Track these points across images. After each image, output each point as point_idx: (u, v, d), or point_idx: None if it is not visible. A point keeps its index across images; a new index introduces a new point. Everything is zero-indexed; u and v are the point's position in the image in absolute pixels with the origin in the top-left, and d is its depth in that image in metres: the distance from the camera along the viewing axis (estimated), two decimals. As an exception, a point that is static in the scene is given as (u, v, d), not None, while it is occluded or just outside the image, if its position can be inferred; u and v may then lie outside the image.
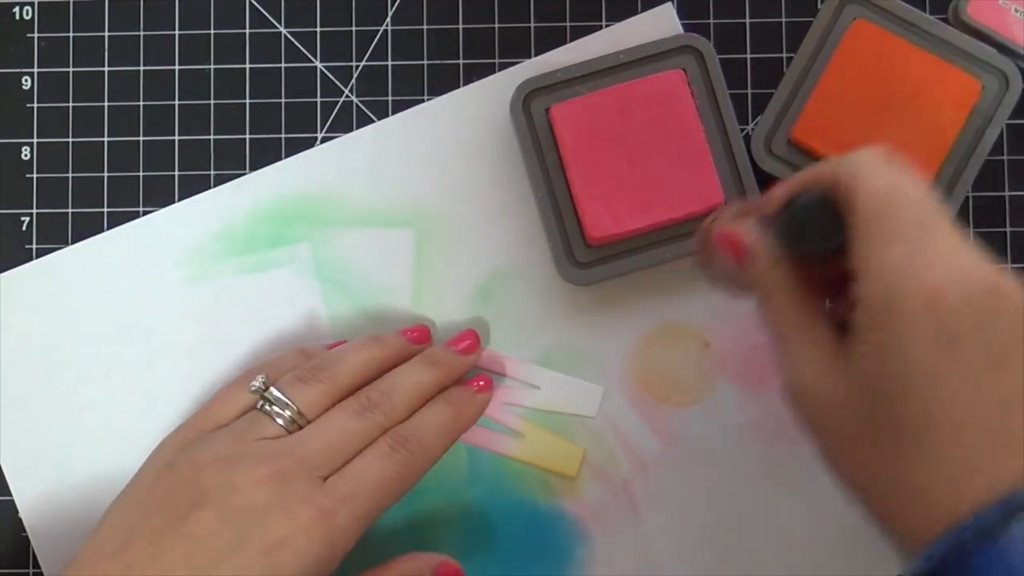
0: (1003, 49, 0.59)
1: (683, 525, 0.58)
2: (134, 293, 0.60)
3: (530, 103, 0.59)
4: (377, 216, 0.60)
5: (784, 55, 0.61)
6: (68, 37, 0.61)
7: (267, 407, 0.53)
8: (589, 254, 0.58)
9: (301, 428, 0.52)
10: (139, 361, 0.60)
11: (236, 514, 0.49)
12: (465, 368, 0.57)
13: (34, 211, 0.60)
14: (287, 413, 0.52)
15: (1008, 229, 0.60)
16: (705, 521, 0.58)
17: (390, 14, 0.61)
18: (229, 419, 0.53)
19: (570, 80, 0.59)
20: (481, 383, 0.57)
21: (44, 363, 0.60)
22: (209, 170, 0.60)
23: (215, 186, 0.60)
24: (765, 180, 0.59)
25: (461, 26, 0.61)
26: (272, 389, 0.53)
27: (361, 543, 0.55)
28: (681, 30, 0.60)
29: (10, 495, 0.59)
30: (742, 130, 0.59)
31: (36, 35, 0.61)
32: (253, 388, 0.53)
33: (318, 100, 0.61)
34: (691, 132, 0.57)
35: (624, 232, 0.57)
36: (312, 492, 0.50)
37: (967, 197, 0.60)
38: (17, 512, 0.59)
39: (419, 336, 0.58)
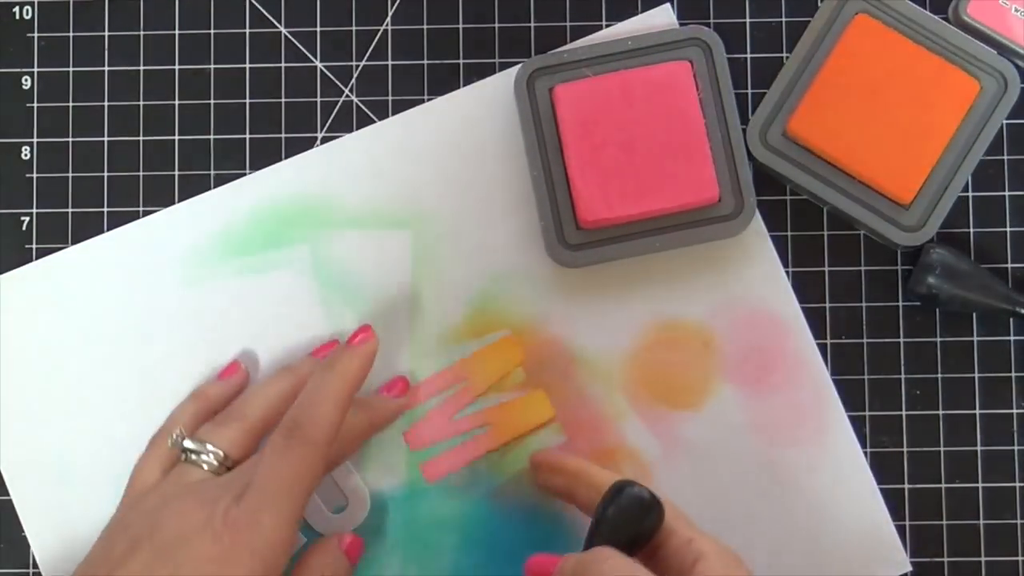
0: (1003, 48, 0.59)
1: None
2: (133, 294, 0.60)
3: (535, 82, 0.59)
4: (375, 218, 0.60)
5: (784, 55, 0.60)
6: (68, 37, 0.61)
7: (192, 457, 0.53)
8: (580, 237, 0.58)
9: (229, 470, 0.53)
10: (138, 362, 0.59)
11: (165, 549, 0.49)
12: (396, 410, 0.58)
13: (34, 211, 0.61)
14: (211, 458, 0.53)
15: (1008, 229, 0.60)
16: (705, 522, 0.58)
17: (390, 14, 0.61)
18: (156, 479, 0.54)
19: (576, 62, 0.59)
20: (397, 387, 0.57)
21: (44, 364, 0.60)
22: (209, 170, 0.61)
23: (215, 186, 0.60)
24: (760, 174, 0.59)
25: (461, 26, 0.61)
26: (188, 441, 0.53)
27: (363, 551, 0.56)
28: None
29: (9, 495, 0.59)
30: (743, 127, 0.59)
31: (36, 35, 0.61)
32: (171, 443, 0.54)
33: (318, 100, 0.61)
34: (692, 124, 0.57)
35: (615, 217, 0.57)
36: (231, 509, 0.49)
37: (967, 197, 0.60)
38: (17, 512, 0.59)
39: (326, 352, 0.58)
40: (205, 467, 0.53)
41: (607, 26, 0.61)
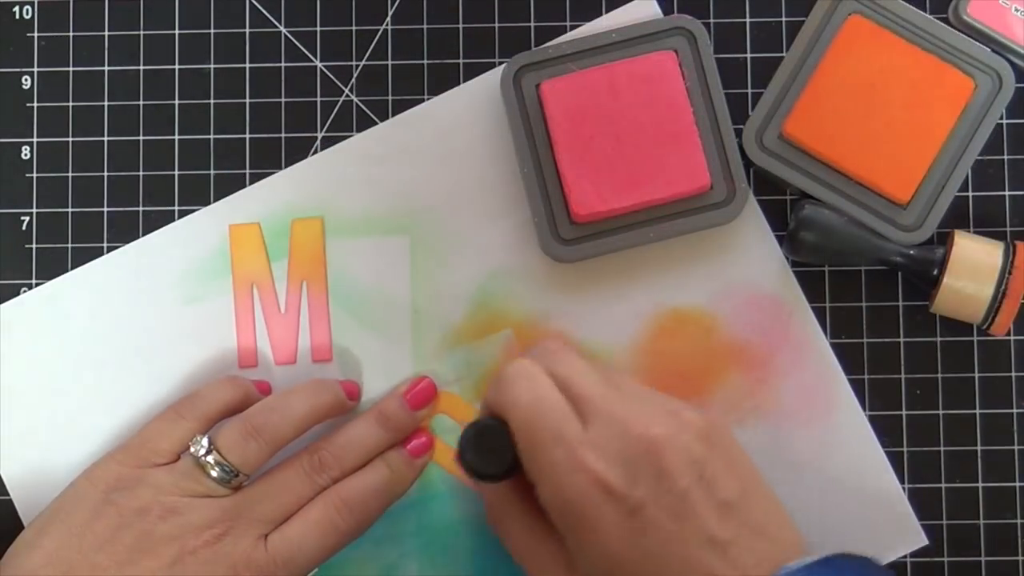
0: (1003, 48, 0.59)
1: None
2: (134, 317, 0.59)
3: (521, 79, 0.59)
4: (372, 224, 0.60)
5: (784, 54, 0.61)
6: (68, 37, 0.61)
7: (205, 457, 0.53)
8: (574, 231, 0.58)
9: (240, 482, 0.53)
10: (141, 384, 0.59)
11: (183, 568, 0.51)
12: (417, 425, 0.58)
13: (34, 211, 0.60)
14: (223, 470, 0.53)
15: (1008, 229, 0.60)
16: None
17: (390, 14, 0.61)
18: (165, 457, 0.54)
19: (562, 57, 0.59)
20: (422, 440, 0.57)
21: (47, 392, 0.59)
22: (209, 170, 0.60)
23: (215, 186, 0.60)
24: (759, 173, 0.59)
25: (461, 26, 0.61)
26: (214, 453, 0.53)
27: (370, 548, 0.56)
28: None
29: (9, 495, 0.59)
30: (739, 129, 0.59)
31: (36, 35, 0.61)
32: (197, 452, 0.53)
33: (318, 100, 0.61)
34: (680, 114, 0.57)
35: (609, 210, 0.57)
36: (255, 553, 0.52)
37: (967, 197, 0.60)
38: (17, 513, 0.59)
39: (351, 391, 0.58)
40: (214, 474, 0.53)
41: (604, 26, 0.61)
